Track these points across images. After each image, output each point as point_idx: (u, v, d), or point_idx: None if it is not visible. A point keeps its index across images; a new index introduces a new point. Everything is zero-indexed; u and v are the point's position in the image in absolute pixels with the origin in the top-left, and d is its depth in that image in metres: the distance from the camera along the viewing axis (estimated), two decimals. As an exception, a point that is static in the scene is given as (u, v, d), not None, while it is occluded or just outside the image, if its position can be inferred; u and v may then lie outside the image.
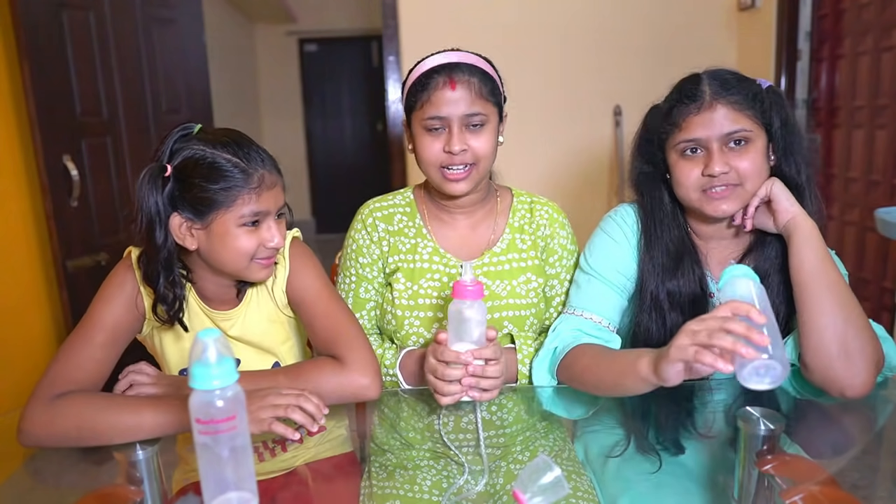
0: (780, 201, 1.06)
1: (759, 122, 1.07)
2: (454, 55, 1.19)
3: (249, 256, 1.02)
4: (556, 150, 3.06)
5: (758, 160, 1.06)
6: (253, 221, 1.00)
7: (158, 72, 2.43)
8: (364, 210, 1.31)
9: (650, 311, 1.16)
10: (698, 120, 1.07)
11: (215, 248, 1.01)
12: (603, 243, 1.21)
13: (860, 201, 2.43)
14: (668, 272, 1.14)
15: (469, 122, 1.16)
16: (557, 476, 0.71)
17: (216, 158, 0.98)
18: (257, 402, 0.91)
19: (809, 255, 1.02)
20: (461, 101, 1.15)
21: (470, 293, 0.97)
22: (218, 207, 0.98)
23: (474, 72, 1.17)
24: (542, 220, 1.30)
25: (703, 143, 1.07)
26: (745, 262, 1.16)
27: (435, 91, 1.15)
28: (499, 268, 1.26)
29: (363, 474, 1.00)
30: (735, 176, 1.06)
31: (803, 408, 1.11)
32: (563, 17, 2.96)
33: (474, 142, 1.16)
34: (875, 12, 2.33)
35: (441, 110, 1.15)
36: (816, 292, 1.00)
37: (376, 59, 6.49)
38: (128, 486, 0.90)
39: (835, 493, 0.85)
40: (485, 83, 1.17)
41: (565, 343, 1.13)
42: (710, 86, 1.07)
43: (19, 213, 1.95)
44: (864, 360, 0.97)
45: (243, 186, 0.98)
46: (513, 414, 1.17)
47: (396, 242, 1.27)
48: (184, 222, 1.00)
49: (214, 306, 1.13)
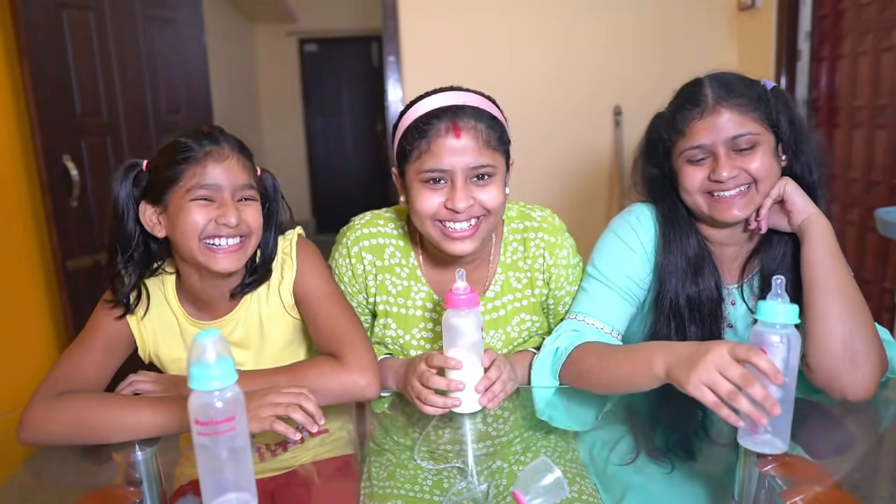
0: (794, 201, 1.04)
1: (766, 124, 1.05)
2: (456, 96, 1.03)
3: (198, 233, 0.99)
4: (556, 150, 3.06)
5: (767, 160, 1.04)
6: (204, 197, 0.99)
7: (158, 72, 2.43)
8: (350, 235, 1.17)
9: (669, 319, 1.13)
10: (702, 125, 1.04)
11: (173, 229, 1.01)
12: (614, 247, 1.16)
13: (860, 201, 2.42)
14: (688, 279, 1.12)
15: (475, 175, 1.02)
16: (558, 478, 0.71)
17: (174, 140, 1.01)
18: (258, 400, 0.90)
19: (822, 254, 1.00)
20: (466, 150, 1.00)
21: (464, 302, 0.95)
22: (170, 185, 0.99)
23: (481, 116, 1.02)
24: (538, 251, 1.18)
25: (709, 148, 1.05)
26: (754, 263, 1.15)
27: (436, 139, 1.00)
28: (493, 315, 1.19)
29: (363, 475, 1.00)
30: (746, 177, 1.04)
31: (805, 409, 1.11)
32: (564, 17, 2.95)
33: (483, 195, 1.02)
34: (875, 12, 2.33)
35: (443, 161, 1.00)
36: (826, 292, 0.99)
37: (376, 59, 6.49)
38: (127, 486, 0.90)
39: (836, 495, 0.85)
40: (493, 129, 1.03)
41: (566, 343, 1.11)
42: (713, 89, 1.05)
43: (19, 213, 1.94)
44: (868, 365, 0.96)
45: (189, 159, 0.98)
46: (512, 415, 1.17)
47: (385, 281, 1.17)
48: (152, 210, 1.02)
49: (209, 315, 1.12)
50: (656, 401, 1.07)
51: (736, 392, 0.78)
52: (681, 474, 0.98)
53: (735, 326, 1.17)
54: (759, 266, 1.14)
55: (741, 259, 1.16)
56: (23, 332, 1.96)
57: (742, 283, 1.16)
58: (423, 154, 1.01)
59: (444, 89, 1.06)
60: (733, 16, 2.96)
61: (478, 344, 0.99)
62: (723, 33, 2.98)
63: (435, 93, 1.05)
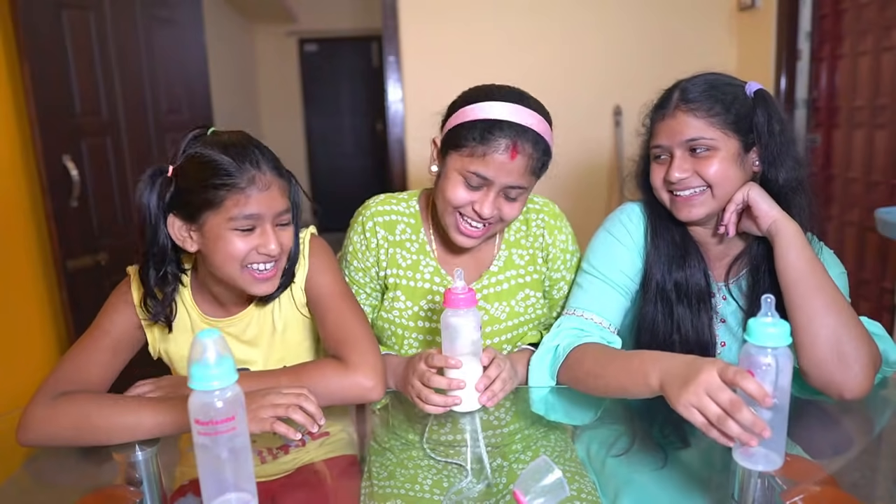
0: (758, 206, 1.05)
1: (731, 130, 1.06)
2: (525, 115, 1.08)
3: (240, 261, 0.98)
4: (556, 150, 3.02)
5: (724, 167, 1.06)
6: (246, 227, 0.97)
7: (158, 72, 2.43)
8: (365, 212, 1.25)
9: (656, 301, 1.15)
10: (663, 126, 1.11)
11: (210, 250, 0.99)
12: (606, 243, 1.20)
13: (860, 201, 2.42)
14: (675, 263, 1.15)
15: (509, 189, 1.10)
16: (558, 478, 0.71)
17: (210, 158, 0.97)
18: (258, 401, 0.90)
19: (794, 258, 1.01)
20: (513, 171, 1.07)
21: (462, 301, 0.96)
22: (208, 208, 0.96)
23: (538, 144, 1.09)
24: (539, 230, 1.26)
25: (668, 149, 1.11)
26: (742, 263, 1.16)
27: (493, 152, 1.05)
28: (497, 288, 1.22)
29: (363, 475, 1.00)
30: (700, 180, 1.08)
31: (803, 408, 1.11)
32: (564, 18, 2.95)
33: (507, 209, 1.11)
34: (875, 12, 2.33)
35: (489, 172, 1.07)
36: (805, 295, 1.00)
37: (376, 59, 6.49)
38: (127, 486, 0.90)
39: (835, 494, 0.85)
40: (543, 160, 1.11)
41: (566, 342, 1.11)
42: (679, 93, 1.10)
43: (19, 213, 1.95)
44: (859, 362, 0.96)
45: (231, 187, 0.95)
46: (511, 413, 1.17)
47: (395, 255, 1.22)
48: (182, 224, 1.00)
49: (224, 312, 1.12)
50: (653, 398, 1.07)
51: (724, 416, 0.77)
52: (680, 474, 0.98)
53: (728, 322, 1.18)
54: (748, 267, 1.15)
55: (729, 258, 1.17)
56: (22, 332, 1.96)
57: (729, 281, 1.17)
58: (475, 156, 1.07)
59: (514, 94, 1.10)
60: (733, 16, 2.96)
61: (476, 343, 0.99)
62: (723, 33, 2.98)
63: (505, 93, 1.10)
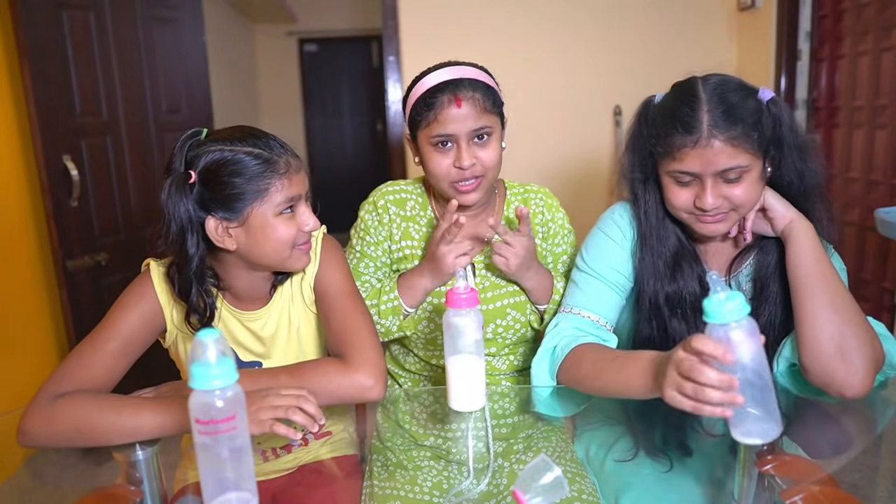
0: (775, 209, 1.05)
1: (759, 151, 1.02)
2: (455, 70, 1.21)
3: (291, 244, 1.03)
4: (556, 150, 3.06)
5: (752, 188, 1.03)
6: (288, 207, 1.02)
7: (158, 72, 2.42)
8: (376, 193, 1.35)
9: (650, 318, 1.14)
10: (694, 154, 1.00)
11: (257, 241, 1.01)
12: (600, 242, 1.20)
13: (860, 201, 2.42)
14: (666, 277, 1.13)
15: (476, 136, 1.19)
16: (557, 476, 0.71)
17: (238, 154, 0.99)
18: (257, 402, 0.90)
19: (806, 256, 1.02)
20: (468, 117, 1.17)
21: (464, 301, 0.96)
22: (252, 200, 0.99)
23: (477, 87, 1.19)
24: (539, 208, 1.35)
25: (697, 175, 1.03)
26: (745, 261, 1.15)
27: (441, 110, 1.17)
28: None
29: (365, 474, 1.00)
30: (727, 204, 1.04)
31: (803, 408, 1.11)
32: (563, 18, 2.95)
33: (482, 154, 1.20)
34: (875, 12, 2.33)
35: (448, 128, 1.17)
36: (812, 292, 1.00)
37: (376, 59, 6.49)
38: (127, 486, 0.90)
39: (835, 494, 0.85)
40: (487, 96, 1.20)
41: (564, 342, 1.11)
42: (710, 116, 1.00)
43: (19, 213, 1.95)
44: (861, 360, 0.96)
45: (273, 174, 0.99)
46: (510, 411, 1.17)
47: (409, 228, 1.31)
48: (219, 223, 1.00)
49: (244, 307, 1.12)
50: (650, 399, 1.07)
51: (699, 388, 0.76)
52: (680, 474, 0.98)
53: None
54: (753, 264, 1.14)
55: (730, 254, 1.17)
56: (22, 332, 1.96)
57: (730, 277, 1.16)
58: (431, 122, 1.19)
59: (444, 64, 1.23)
60: (733, 16, 2.96)
61: (479, 342, 0.99)
62: (723, 33, 2.98)
63: (437, 68, 1.23)
